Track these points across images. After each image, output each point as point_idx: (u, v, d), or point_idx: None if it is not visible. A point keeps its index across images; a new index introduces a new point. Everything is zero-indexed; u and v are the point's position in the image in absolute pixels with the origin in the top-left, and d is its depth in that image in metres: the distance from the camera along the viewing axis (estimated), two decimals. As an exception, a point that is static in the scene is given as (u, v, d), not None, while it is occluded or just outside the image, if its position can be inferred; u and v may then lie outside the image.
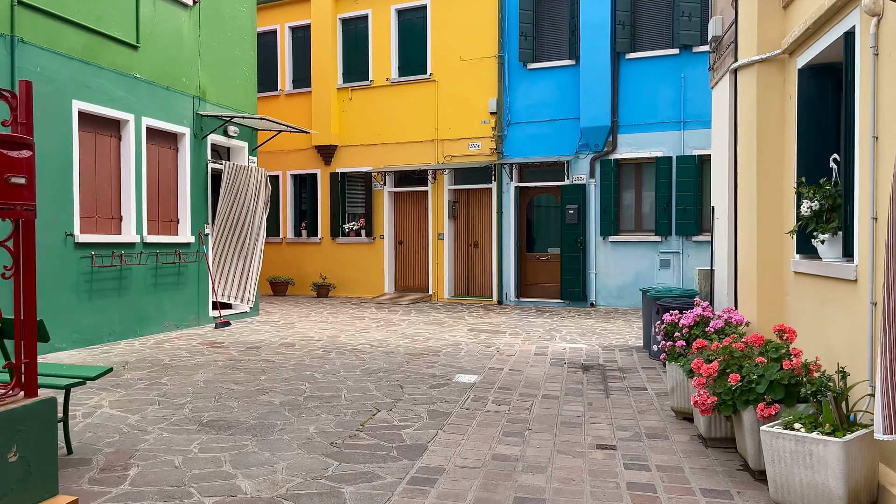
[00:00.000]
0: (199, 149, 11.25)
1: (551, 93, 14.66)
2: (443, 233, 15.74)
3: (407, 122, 16.03)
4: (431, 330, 11.04)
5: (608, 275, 14.24)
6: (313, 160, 17.18)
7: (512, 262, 14.98)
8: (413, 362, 8.23)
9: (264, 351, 8.92)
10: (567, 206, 14.35)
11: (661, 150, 13.78)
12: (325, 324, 11.75)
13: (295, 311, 13.60)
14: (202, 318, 11.29)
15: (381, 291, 16.38)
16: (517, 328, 11.30)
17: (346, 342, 9.71)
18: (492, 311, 13.68)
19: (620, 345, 9.73)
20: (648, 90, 13.87)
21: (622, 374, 7.78)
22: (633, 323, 11.89)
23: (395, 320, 12.27)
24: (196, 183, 11.17)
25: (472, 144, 15.37)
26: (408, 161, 16.01)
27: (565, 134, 14.54)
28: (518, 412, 5.99)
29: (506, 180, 15.06)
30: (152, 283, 10.18)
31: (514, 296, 14.97)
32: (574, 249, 14.33)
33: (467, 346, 9.51)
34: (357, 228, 16.68)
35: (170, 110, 10.56)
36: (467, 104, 15.40)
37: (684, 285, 13.55)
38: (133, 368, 7.62)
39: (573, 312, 13.47)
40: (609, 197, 14.10)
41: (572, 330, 11.10)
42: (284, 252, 17.58)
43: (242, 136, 12.41)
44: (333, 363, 8.08)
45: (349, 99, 16.67)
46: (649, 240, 13.87)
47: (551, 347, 9.44)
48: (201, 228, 11.30)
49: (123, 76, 9.67)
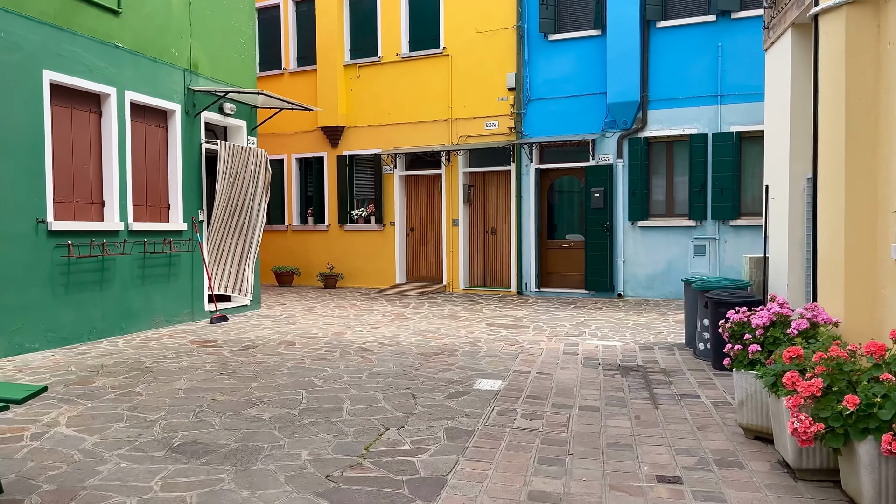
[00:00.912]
0: (192, 127, 10.27)
1: (575, 66, 13.54)
2: (457, 219, 14.72)
3: (418, 100, 14.98)
4: (446, 325, 10.04)
5: (637, 263, 13.17)
6: (319, 142, 16.18)
7: (532, 250, 13.94)
8: (427, 364, 7.24)
9: (260, 351, 7.96)
10: (592, 189, 13.27)
11: (696, 127, 12.65)
12: (330, 318, 10.79)
13: (299, 304, 12.65)
14: (197, 313, 10.35)
15: (391, 282, 15.40)
16: (541, 322, 10.28)
17: (352, 340, 8.74)
18: (511, 303, 12.67)
19: (659, 342, 8.69)
20: (682, 61, 12.73)
21: (667, 377, 6.75)
22: (669, 316, 10.84)
23: (406, 314, 11.29)
24: (188, 165, 10.20)
25: (489, 123, 14.30)
26: (419, 142, 14.98)
27: (590, 111, 13.44)
28: (553, 430, 4.99)
29: (525, 162, 14.00)
30: (139, 276, 9.24)
31: (535, 286, 13.94)
32: (600, 236, 13.27)
33: (487, 344, 8.51)
34: (366, 215, 15.68)
35: (157, 84, 9.57)
36: (483, 80, 14.32)
37: (721, 273, 12.46)
38: (107, 374, 6.68)
39: (600, 304, 12.42)
40: (638, 178, 13.01)
41: (602, 324, 10.06)
42: (290, 240, 16.62)
43: (240, 115, 11.41)
44: (336, 366, 7.10)
45: (357, 77, 15.63)
46: (682, 224, 12.78)
47: (581, 345, 8.42)
48: (195, 215, 10.34)
49: (103, 45, 8.69)
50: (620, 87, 12.96)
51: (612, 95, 13.05)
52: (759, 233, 12.13)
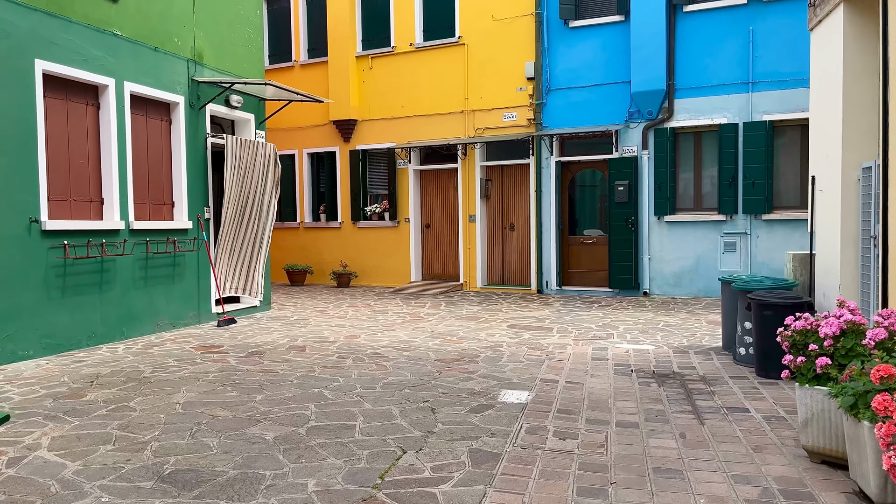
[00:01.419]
0: (197, 121, 9.78)
1: (597, 54, 12.93)
2: (474, 214, 14.16)
3: (433, 91, 14.42)
4: (465, 327, 9.50)
5: (664, 259, 12.55)
6: (331, 137, 15.66)
7: (553, 247, 13.36)
8: (446, 372, 6.70)
9: (268, 357, 7.45)
10: (616, 183, 12.66)
11: (726, 117, 12.00)
12: (343, 320, 10.28)
13: (311, 304, 12.15)
14: (203, 315, 9.88)
15: (406, 280, 14.88)
16: (565, 324, 9.71)
17: (365, 344, 8.22)
18: (532, 303, 12.10)
19: (693, 345, 8.10)
20: (710, 47, 12.09)
21: (708, 387, 6.18)
22: (700, 316, 10.23)
23: (422, 314, 10.76)
24: (193, 160, 9.71)
25: (507, 115, 13.72)
26: (435, 135, 14.43)
27: (613, 100, 12.82)
28: (591, 451, 4.43)
29: (545, 154, 13.41)
30: (141, 277, 8.77)
31: (556, 284, 13.36)
32: (624, 231, 12.66)
33: (509, 348, 7.96)
34: (380, 211, 15.16)
35: (159, 75, 9.09)
36: (501, 70, 13.74)
37: (753, 270, 11.83)
38: (102, 385, 6.19)
39: (625, 303, 11.83)
40: (664, 171, 12.39)
41: (630, 326, 9.48)
42: (302, 238, 16.14)
43: (247, 107, 10.91)
44: (349, 375, 6.58)
45: (369, 68, 15.09)
46: (711, 219, 12.15)
47: (611, 349, 7.85)
48: (200, 213, 9.86)
49: (100, 33, 8.20)
50: (645, 76, 12.33)
51: (636, 84, 12.43)
52: (794, 228, 11.49)
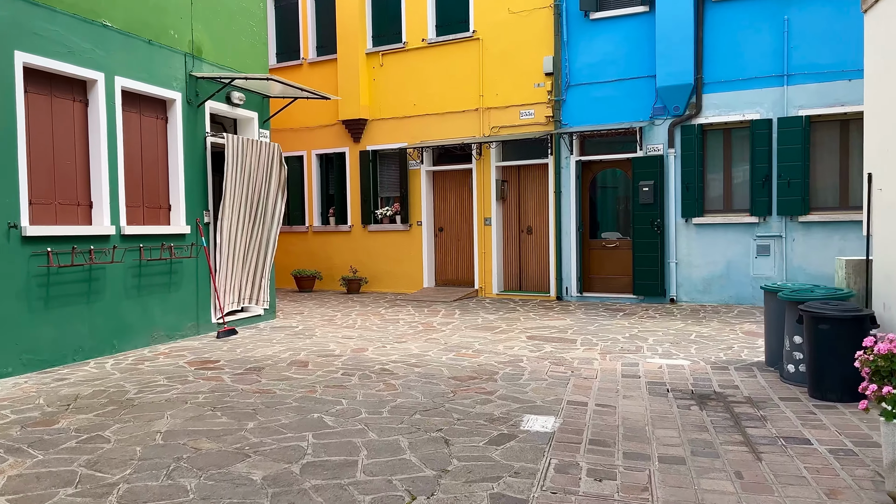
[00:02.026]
0: (195, 119, 9.19)
1: (620, 47, 12.23)
2: (490, 217, 13.50)
3: (446, 89, 13.78)
4: (481, 338, 8.84)
5: (692, 264, 11.82)
6: (341, 137, 15.06)
7: (573, 251, 12.66)
8: (461, 393, 6.04)
9: (267, 374, 6.82)
10: (640, 183, 11.95)
11: (758, 112, 11.26)
12: (351, 330, 9.64)
13: (318, 312, 11.53)
14: (203, 326, 9.28)
15: (419, 286, 14.23)
16: (589, 335, 9.02)
17: (373, 359, 7.57)
18: (551, 311, 11.41)
19: (732, 360, 7.38)
20: (741, 38, 11.35)
21: (757, 410, 5.47)
22: (734, 326, 9.50)
23: (435, 324, 10.10)
24: (191, 161, 9.12)
25: (524, 112, 13.05)
26: (448, 134, 13.78)
27: (637, 96, 12.11)
28: (633, 496, 3.75)
29: (565, 153, 12.72)
30: (134, 286, 8.17)
31: (577, 290, 12.65)
32: (649, 234, 11.94)
33: (530, 363, 7.28)
34: (391, 214, 14.53)
35: (154, 70, 8.50)
36: (518, 65, 13.07)
37: (788, 276, 11.07)
38: (79, 409, 5.58)
39: (651, 311, 11.11)
40: (692, 170, 11.66)
41: (660, 337, 8.77)
42: (310, 242, 15.54)
43: (250, 105, 10.32)
44: (353, 396, 5.93)
45: (380, 65, 14.48)
46: (743, 221, 11.40)
47: (642, 365, 7.16)
48: (199, 217, 9.26)
49: (88, 23, 7.63)
50: (671, 69, 11.62)
51: (661, 78, 11.71)
52: (834, 230, 10.74)
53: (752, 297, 11.37)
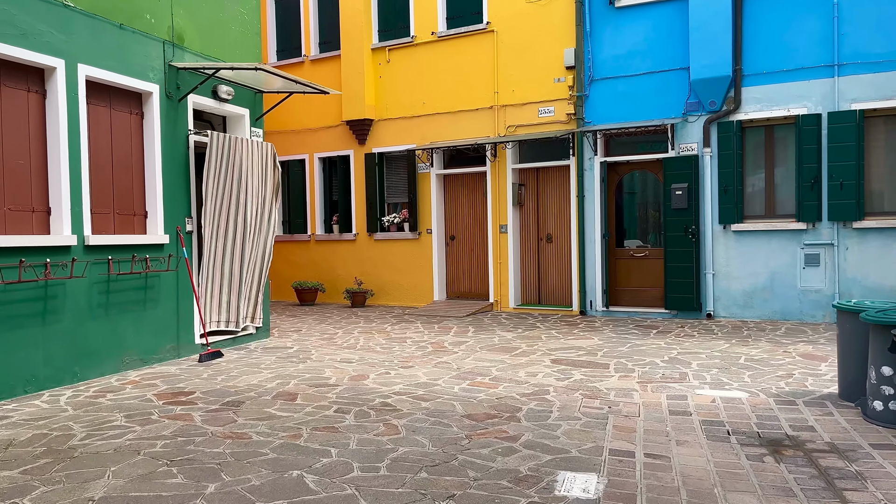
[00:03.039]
0: (176, 114, 8.17)
1: (649, 37, 11.12)
2: (506, 224, 12.40)
3: (458, 86, 12.73)
4: (499, 362, 7.73)
5: (730, 276, 10.66)
6: (345, 139, 14.03)
7: (598, 261, 11.53)
8: (478, 437, 4.94)
9: (246, 411, 5.75)
10: (672, 186, 10.82)
11: (805, 106, 10.12)
12: (352, 351, 8.57)
13: (318, 330, 10.46)
14: (184, 348, 8.24)
15: (429, 299, 13.14)
16: (622, 357, 7.89)
17: (374, 389, 6.48)
18: (575, 328, 10.28)
19: (798, 392, 6.23)
20: (786, 24, 10.22)
21: (848, 464, 4.35)
22: (787, 347, 8.33)
23: (447, 344, 9.01)
24: (172, 162, 8.10)
25: (543, 110, 11.96)
26: (460, 135, 12.72)
27: (669, 90, 11.00)
28: None
29: (588, 154, 11.62)
30: (101, 304, 7.14)
31: (602, 304, 11.52)
32: (683, 242, 10.80)
33: (558, 395, 6.17)
34: (399, 221, 13.47)
35: (126, 58, 7.49)
36: (536, 59, 12.00)
37: (841, 288, 9.90)
38: (3, 462, 4.52)
39: (688, 328, 9.95)
40: (730, 172, 10.52)
41: (704, 361, 7.62)
42: (313, 252, 14.50)
43: (241, 101, 9.30)
44: (345, 444, 4.84)
45: (386, 61, 13.45)
46: (789, 228, 10.24)
47: (692, 398, 6.03)
48: (181, 224, 8.23)
49: (45, 3, 6.62)
50: (707, 60, 10.50)
51: (696, 71, 10.60)
52: (893, 237, 9.57)
53: (799, 313, 10.20)
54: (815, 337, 8.93)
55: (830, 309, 9.98)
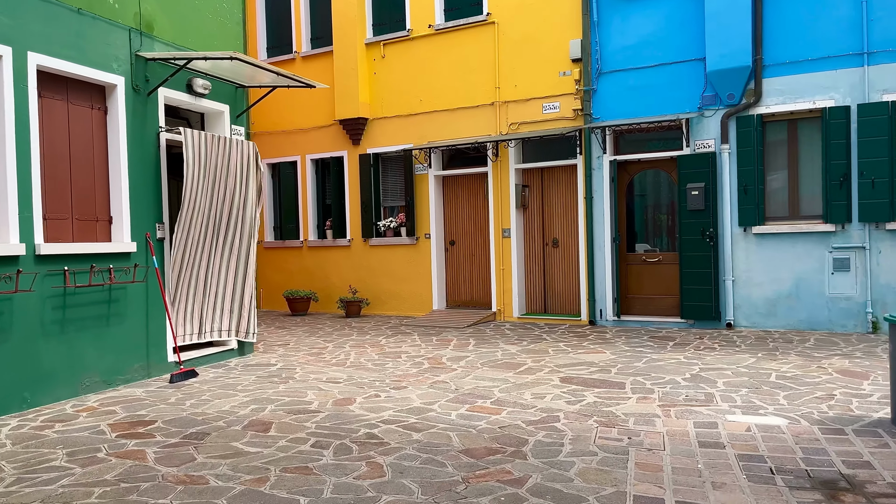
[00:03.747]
0: (145, 110, 7.42)
1: (661, 25, 10.36)
2: (509, 228, 11.63)
3: (457, 81, 11.97)
4: (501, 381, 6.95)
5: (752, 282, 9.86)
6: (338, 139, 13.29)
7: (608, 266, 10.74)
8: (477, 481, 4.16)
9: (209, 446, 4.98)
10: (688, 186, 10.04)
11: (832, 98, 9.34)
12: (340, 369, 7.79)
13: (307, 343, 9.69)
14: (156, 367, 7.47)
15: (428, 308, 12.36)
16: (638, 375, 7.10)
17: (359, 417, 5.70)
18: (585, 339, 9.50)
19: (844, 416, 5.44)
20: (810, 9, 9.45)
21: (928, 516, 3.56)
22: (820, 361, 7.53)
23: (445, 359, 8.23)
24: (140, 162, 7.35)
25: (548, 106, 11.20)
26: (460, 134, 11.96)
27: (683, 83, 10.22)
28: None
29: (596, 152, 10.84)
30: (56, 320, 6.38)
31: (613, 313, 10.72)
32: (699, 246, 10.02)
33: (570, 423, 5.39)
34: (395, 226, 12.71)
35: (85, 47, 6.75)
36: (539, 51, 11.24)
37: (874, 295, 9.11)
38: None
39: (708, 339, 9.15)
40: (751, 170, 9.74)
41: (731, 379, 6.82)
42: (306, 259, 13.74)
43: (220, 96, 8.55)
44: (319, 490, 4.07)
45: (381, 57, 12.71)
46: (815, 230, 9.45)
47: (723, 426, 5.24)
48: (151, 230, 7.48)
49: (-12, -18, 5.90)
50: (724, 49, 9.72)
51: (712, 61, 9.82)
52: (936, 239, 8.76)
53: (828, 322, 9.40)
54: (849, 350, 8.13)
55: (862, 318, 9.18)
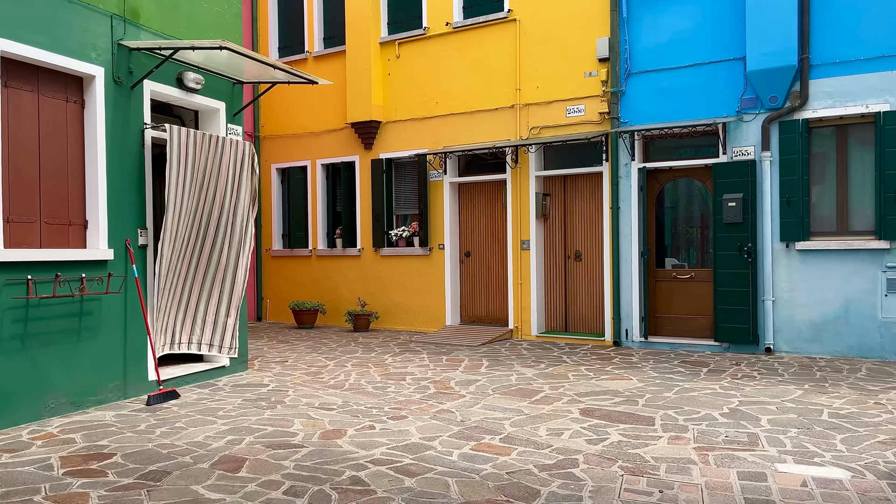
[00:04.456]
0: (128, 105, 6.79)
1: (697, 21, 9.54)
2: (528, 240, 10.84)
3: (476, 83, 11.25)
4: (514, 412, 6.15)
5: (794, 303, 8.96)
6: (350, 143, 12.62)
7: (635, 283, 9.90)
8: (474, 551, 3.39)
9: (163, 491, 4.25)
10: (724, 197, 9.19)
11: (888, 102, 8.45)
12: (337, 392, 7.06)
13: (307, 360, 8.98)
14: (134, 386, 6.80)
15: (440, 323, 11.60)
16: (669, 408, 6.26)
17: (347, 454, 4.95)
18: (609, 363, 8.66)
19: (919, 470, 4.57)
20: (863, 3, 8.58)
21: None
22: (876, 395, 6.62)
23: (453, 383, 7.45)
24: (120, 161, 6.71)
25: (572, 109, 10.42)
26: (477, 138, 11.22)
27: (720, 84, 9.39)
28: None
29: (624, 159, 10.03)
30: (17, 335, 5.73)
31: (640, 334, 9.87)
32: (736, 262, 9.14)
33: (591, 469, 4.59)
34: (408, 235, 11.98)
35: (60, 33, 6.13)
36: (564, 50, 10.48)
37: (934, 322, 8.16)
38: None
39: (745, 366, 8.27)
40: (795, 180, 8.87)
41: (776, 415, 5.96)
42: (314, 269, 13.07)
43: (216, 93, 7.91)
44: (278, 559, 3.32)
45: (396, 56, 12.03)
46: (867, 247, 8.54)
47: (773, 477, 4.40)
48: (132, 236, 6.82)
49: (-56, -43, 5.30)
50: (767, 48, 8.88)
51: (753, 61, 8.98)
52: None
53: (880, 349, 8.47)
54: (909, 382, 7.22)
55: (920, 345, 8.25)
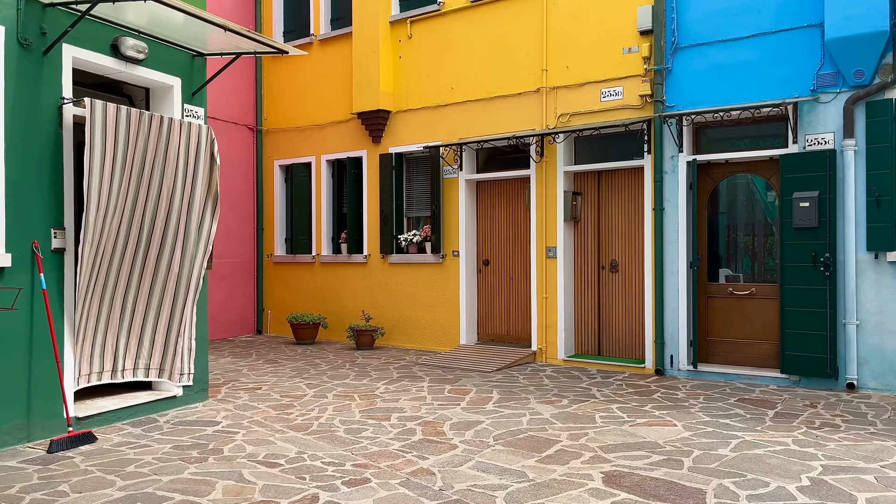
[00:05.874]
0: (39, 74, 5.46)
1: (761, -19, 7.85)
2: (555, 247, 9.22)
3: (497, 64, 9.70)
4: (515, 477, 4.56)
5: (885, 328, 7.15)
6: (357, 137, 11.20)
7: (682, 299, 8.20)
8: None
9: None
10: (795, 196, 7.43)
11: None
12: (297, 436, 5.58)
13: (285, 386, 7.55)
14: (43, 424, 5.45)
15: (454, 342, 10.05)
16: (725, 475, 4.59)
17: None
18: (648, 399, 6.99)
19: None
20: (981, -50, 6.78)
21: None
22: None
23: (447, 426, 5.90)
24: (26, 145, 5.39)
25: (608, 92, 8.79)
26: (498, 128, 9.66)
27: (790, 58, 7.65)
28: None
29: (670, 151, 8.35)
30: None
31: (688, 361, 8.17)
32: (809, 277, 7.38)
33: None
34: (419, 241, 10.48)
35: (-63, -22, 4.84)
36: (599, 23, 8.87)
37: None
38: None
39: (822, 407, 6.50)
40: (887, 174, 7.07)
41: (877, 491, 4.24)
42: (317, 277, 11.67)
43: (168, 66, 6.55)
44: None
45: (407, 37, 10.57)
46: (984, 259, 6.70)
47: None
48: (41, 238, 5.48)
49: None
50: (851, 11, 7.12)
51: (833, 27, 7.23)
52: None
53: None
54: None
55: None
